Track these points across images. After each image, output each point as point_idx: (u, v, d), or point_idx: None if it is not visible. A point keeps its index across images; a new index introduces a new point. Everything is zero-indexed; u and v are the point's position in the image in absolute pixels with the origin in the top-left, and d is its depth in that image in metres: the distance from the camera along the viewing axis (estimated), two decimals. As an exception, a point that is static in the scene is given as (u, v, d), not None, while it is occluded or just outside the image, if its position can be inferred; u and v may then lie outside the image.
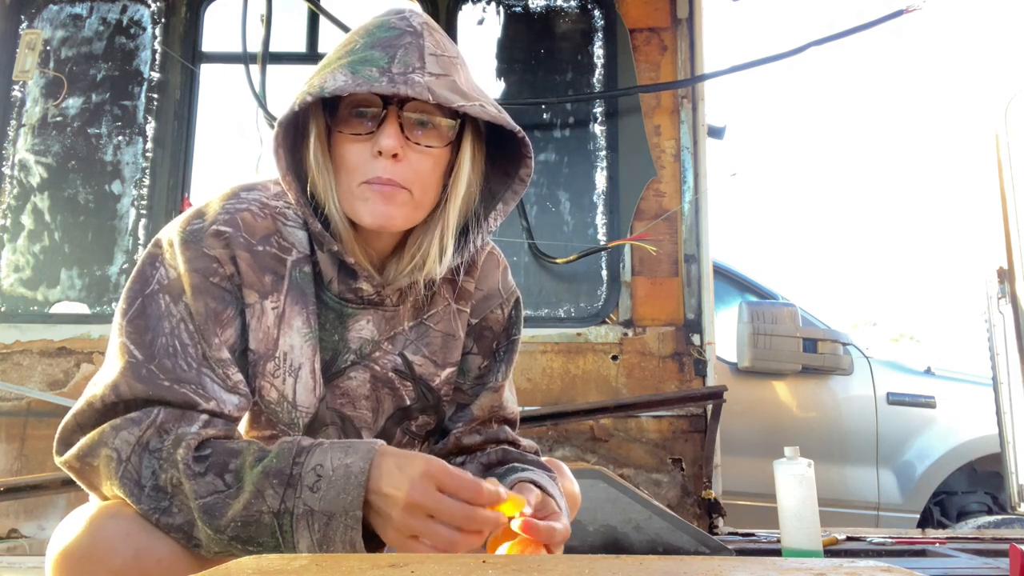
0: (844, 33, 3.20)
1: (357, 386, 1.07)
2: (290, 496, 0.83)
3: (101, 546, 0.84)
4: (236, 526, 0.84)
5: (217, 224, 0.98)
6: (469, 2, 3.40)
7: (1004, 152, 3.26)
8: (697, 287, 3.15)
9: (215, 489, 0.85)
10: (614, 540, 2.27)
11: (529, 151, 1.05)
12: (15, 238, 3.21)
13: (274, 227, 1.01)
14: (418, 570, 0.62)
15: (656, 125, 3.27)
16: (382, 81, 0.92)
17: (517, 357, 1.21)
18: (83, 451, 0.89)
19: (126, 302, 0.96)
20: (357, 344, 1.06)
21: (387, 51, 0.96)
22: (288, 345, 1.01)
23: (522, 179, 1.08)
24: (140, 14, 3.39)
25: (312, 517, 0.83)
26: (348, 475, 0.83)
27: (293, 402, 1.01)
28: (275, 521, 0.83)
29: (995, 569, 2.16)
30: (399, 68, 0.94)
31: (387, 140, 0.94)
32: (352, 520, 0.82)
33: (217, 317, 0.96)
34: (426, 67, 0.96)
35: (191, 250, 0.96)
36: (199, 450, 0.87)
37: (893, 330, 14.93)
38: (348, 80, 0.93)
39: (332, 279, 1.04)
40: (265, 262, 1.00)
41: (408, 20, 1.00)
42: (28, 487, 2.43)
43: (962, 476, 4.01)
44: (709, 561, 0.67)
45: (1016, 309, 3.15)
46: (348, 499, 0.82)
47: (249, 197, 1.02)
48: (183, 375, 0.92)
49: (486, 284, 1.17)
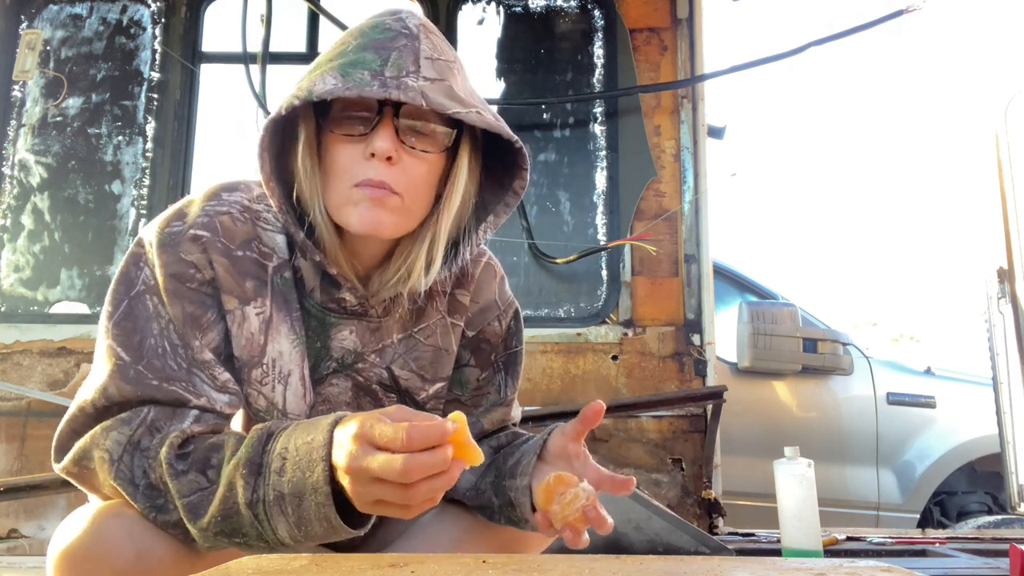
0: (844, 33, 3.20)
1: (338, 393, 1.05)
2: (260, 484, 0.81)
3: (103, 546, 0.84)
4: (216, 521, 0.83)
5: (195, 228, 0.95)
6: (469, 2, 3.39)
7: (1004, 152, 3.26)
8: (697, 287, 3.14)
9: (198, 487, 0.84)
10: (614, 540, 2.26)
11: (526, 162, 1.01)
12: (15, 238, 3.21)
13: (254, 232, 0.98)
14: (418, 570, 0.62)
15: (656, 125, 3.27)
16: (373, 85, 0.89)
17: (522, 369, 1.18)
18: (78, 455, 0.88)
19: (112, 304, 0.94)
20: (339, 353, 1.04)
21: (380, 53, 0.92)
22: (276, 352, 0.98)
23: (515, 191, 1.04)
24: (140, 14, 3.39)
25: (284, 502, 0.80)
26: (310, 451, 0.80)
27: (283, 410, 0.99)
28: (250, 512, 0.82)
29: (995, 569, 2.16)
30: (392, 72, 0.91)
31: (381, 142, 0.91)
32: (322, 496, 0.79)
33: (196, 321, 0.94)
34: (421, 71, 0.92)
35: (168, 254, 0.94)
36: (182, 447, 0.86)
37: (893, 330, 14.94)
38: (338, 83, 0.90)
39: (314, 288, 1.01)
40: (245, 267, 0.97)
41: (404, 22, 0.96)
42: (28, 487, 2.43)
43: (962, 476, 4.02)
44: (709, 561, 0.67)
45: (1016, 309, 3.15)
46: (312, 477, 0.79)
47: (230, 199, 0.99)
48: (173, 374, 0.91)
49: (482, 296, 1.14)
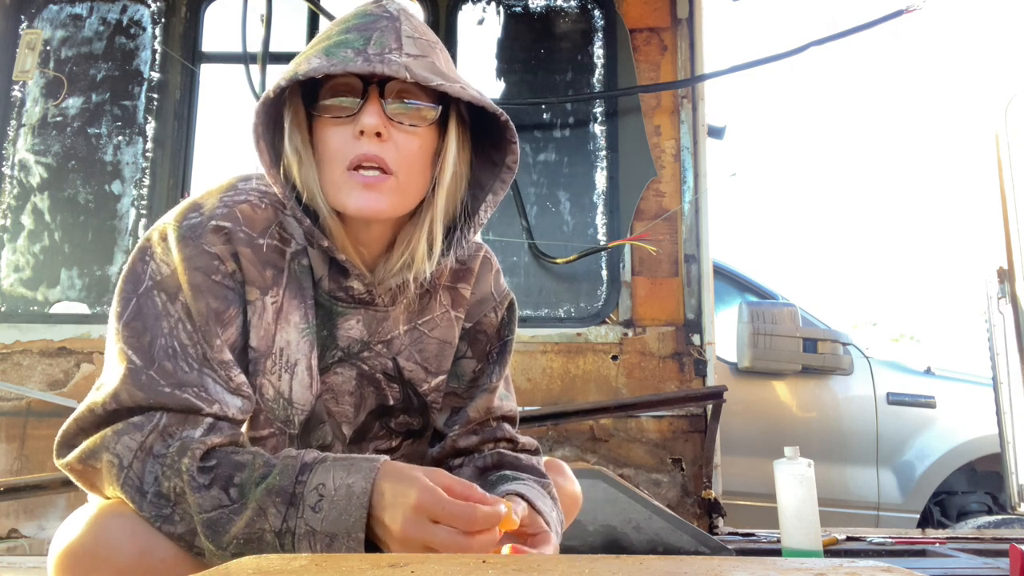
0: (844, 33, 3.20)
1: (343, 382, 1.05)
2: (292, 515, 0.83)
3: (105, 545, 0.84)
4: (239, 543, 0.83)
5: (216, 219, 0.94)
6: (469, 2, 3.40)
7: (1004, 152, 3.26)
8: (697, 287, 3.15)
9: (219, 503, 0.84)
10: (614, 540, 2.27)
11: (514, 136, 1.01)
12: (15, 238, 3.21)
13: (274, 217, 0.99)
14: (418, 570, 0.62)
15: (656, 125, 3.27)
16: (357, 61, 0.90)
17: (511, 357, 1.19)
18: (85, 454, 0.88)
19: (120, 304, 0.93)
20: (346, 343, 1.04)
21: (363, 34, 0.94)
22: (284, 341, 0.98)
23: (509, 167, 1.04)
24: (140, 14, 3.39)
25: (314, 537, 0.82)
26: (350, 496, 0.82)
27: (289, 399, 1.00)
28: (277, 540, 0.82)
29: (995, 569, 2.16)
30: (375, 49, 0.92)
31: (369, 118, 0.92)
32: (355, 542, 0.82)
33: (219, 317, 0.93)
34: (403, 48, 0.94)
35: (190, 247, 0.92)
36: (205, 460, 0.86)
37: (893, 330, 14.96)
38: (322, 62, 0.90)
39: (323, 276, 1.01)
40: (266, 256, 0.97)
41: (384, 6, 0.99)
42: (28, 487, 2.43)
43: (962, 476, 4.01)
44: (709, 561, 0.67)
45: (1016, 309, 3.15)
46: (350, 521, 0.82)
47: (247, 187, 0.99)
48: (185, 378, 0.90)
49: (480, 288, 1.16)
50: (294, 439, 1.02)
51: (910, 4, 3.15)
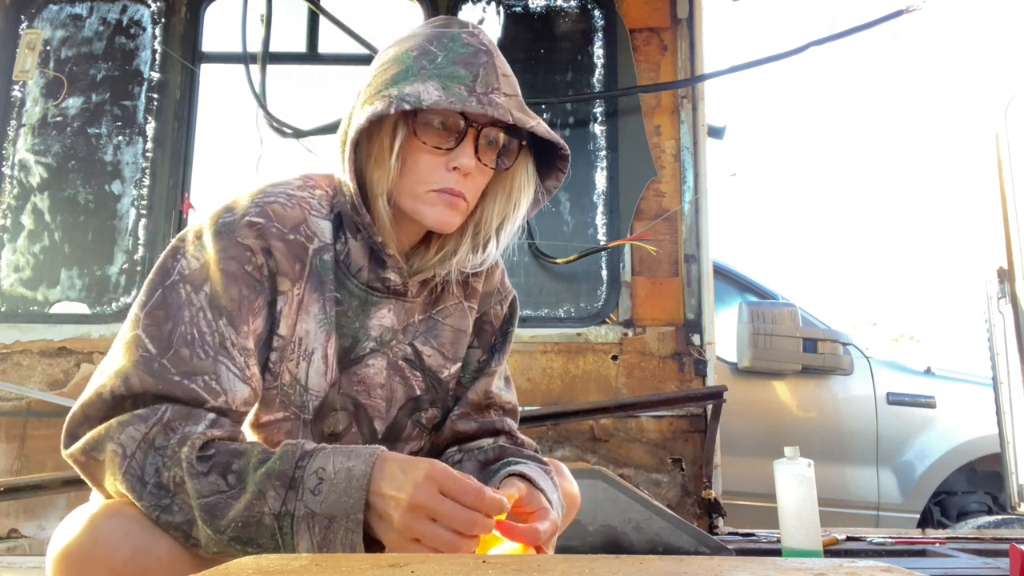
0: (844, 33, 3.20)
1: (374, 374, 1.09)
2: (291, 498, 0.84)
3: (101, 545, 0.84)
4: (236, 526, 0.84)
5: (249, 216, 1.00)
6: (469, 2, 3.40)
7: (1004, 152, 3.26)
8: (697, 287, 3.15)
9: (217, 489, 0.85)
10: (614, 540, 2.27)
11: (566, 166, 1.12)
12: (15, 238, 3.21)
13: (302, 216, 1.04)
14: (418, 570, 0.62)
15: (656, 125, 3.27)
16: (471, 101, 0.98)
17: (511, 347, 1.27)
18: (89, 445, 0.89)
19: (146, 294, 0.97)
20: (378, 332, 1.09)
21: (470, 69, 1.01)
22: (304, 330, 1.03)
23: (548, 190, 1.15)
24: (140, 14, 3.39)
25: (313, 520, 0.84)
26: (350, 478, 0.85)
27: (304, 385, 1.04)
28: (275, 523, 0.84)
29: (995, 569, 2.16)
30: (482, 88, 1.00)
31: (467, 160, 1.01)
32: (353, 523, 0.83)
33: (250, 305, 0.98)
34: (501, 88, 1.02)
35: (224, 240, 0.98)
36: (204, 449, 0.88)
37: (893, 330, 14.96)
38: (441, 96, 0.97)
39: (362, 267, 1.07)
40: (296, 250, 1.02)
41: (478, 37, 1.06)
42: (28, 487, 2.43)
43: (962, 476, 4.01)
44: (709, 561, 0.67)
45: (1016, 309, 3.15)
46: (350, 502, 0.84)
47: (275, 191, 1.05)
48: (199, 365, 0.92)
49: (489, 283, 1.24)
50: (307, 424, 1.05)
51: (910, 4, 3.15)
